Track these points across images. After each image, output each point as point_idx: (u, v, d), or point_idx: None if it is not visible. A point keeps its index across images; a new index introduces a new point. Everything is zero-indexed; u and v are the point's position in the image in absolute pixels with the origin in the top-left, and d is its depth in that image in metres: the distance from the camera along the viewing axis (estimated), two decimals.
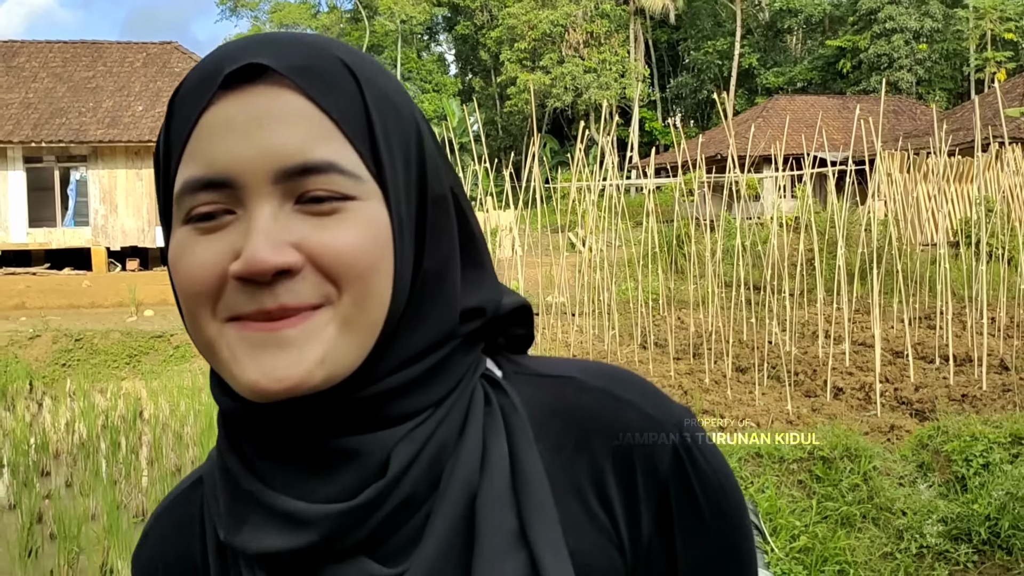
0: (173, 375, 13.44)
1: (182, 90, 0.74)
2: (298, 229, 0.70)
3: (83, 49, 26.78)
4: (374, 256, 0.71)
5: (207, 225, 0.71)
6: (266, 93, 0.71)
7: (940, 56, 47.91)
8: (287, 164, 0.70)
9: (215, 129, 0.71)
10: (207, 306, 0.71)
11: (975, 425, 5.30)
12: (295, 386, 0.69)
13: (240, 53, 0.72)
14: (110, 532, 6.50)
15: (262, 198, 0.70)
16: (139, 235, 24.21)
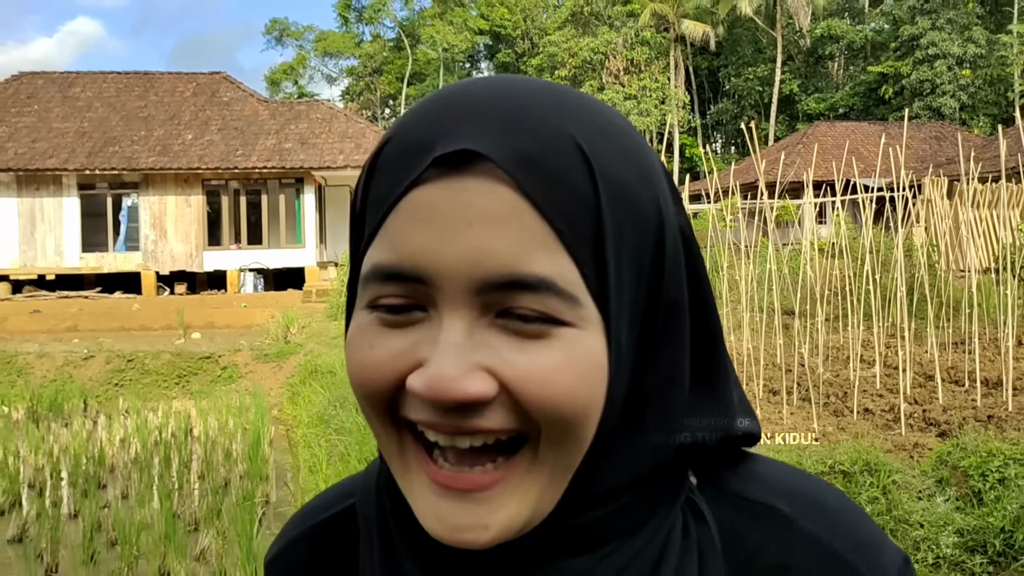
0: (221, 395, 13.89)
1: (386, 152, 0.64)
2: (496, 349, 0.59)
3: (135, 79, 27.64)
4: (584, 400, 0.60)
5: (393, 319, 0.62)
6: (481, 184, 0.60)
7: (984, 82, 47.60)
8: (492, 276, 0.59)
9: (417, 215, 0.60)
10: (380, 408, 0.63)
11: (992, 442, 5.51)
12: (476, 543, 0.61)
13: (455, 128, 0.61)
14: (167, 539, 6.88)
15: (457, 307, 0.60)
16: (187, 260, 24.85)
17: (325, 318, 19.30)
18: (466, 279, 0.59)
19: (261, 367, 15.56)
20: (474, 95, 0.63)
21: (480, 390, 0.58)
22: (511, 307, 0.59)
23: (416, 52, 59.01)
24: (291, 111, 26.74)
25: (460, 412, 0.58)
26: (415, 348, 0.60)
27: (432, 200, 0.60)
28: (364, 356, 0.62)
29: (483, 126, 0.60)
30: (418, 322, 0.61)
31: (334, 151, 24.90)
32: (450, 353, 0.58)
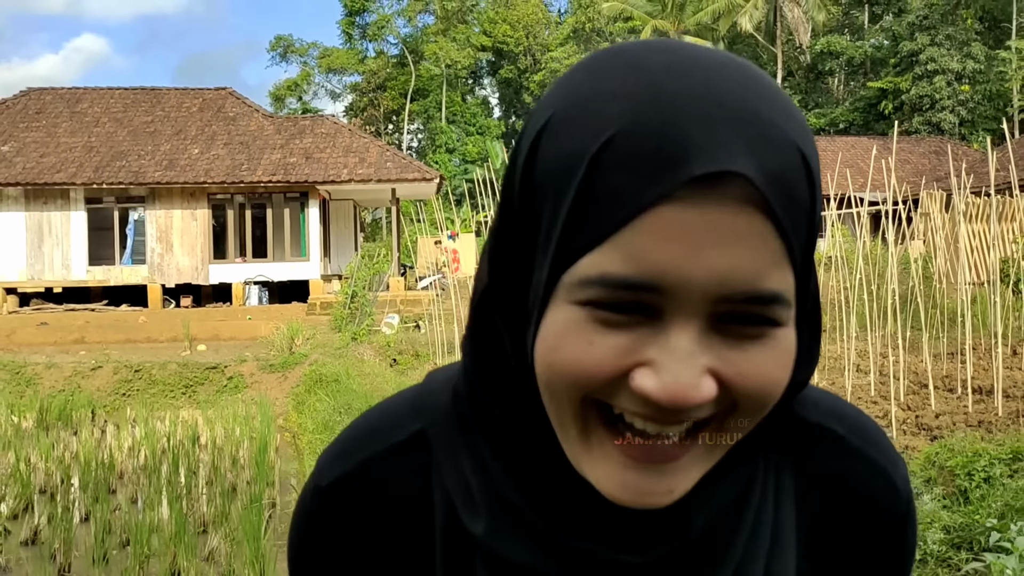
0: (227, 404, 14.08)
1: (614, 149, 0.61)
2: (718, 352, 0.63)
3: (142, 95, 27.96)
4: (782, 386, 0.66)
5: (612, 318, 0.62)
6: (733, 203, 0.60)
7: (983, 97, 47.83)
8: (733, 293, 0.61)
9: (665, 233, 0.60)
10: (578, 395, 0.64)
11: (979, 443, 5.68)
12: (655, 506, 0.66)
13: (709, 141, 0.60)
14: (176, 539, 7.07)
15: (690, 317, 0.62)
16: (193, 273, 25.08)
17: (329, 330, 19.49)
18: (706, 292, 0.60)
19: (266, 377, 15.75)
20: (701, 87, 0.62)
21: (709, 395, 0.62)
22: (740, 315, 0.62)
23: (419, 68, 59.35)
24: (296, 126, 27.02)
25: (680, 411, 0.62)
26: (638, 348, 0.62)
27: (683, 219, 0.59)
28: (583, 352, 0.62)
29: (734, 139, 0.60)
30: (639, 323, 0.62)
31: (338, 165, 25.15)
32: (685, 361, 0.61)
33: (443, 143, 56.99)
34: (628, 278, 0.60)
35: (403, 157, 26.55)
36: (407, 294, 23.00)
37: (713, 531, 0.72)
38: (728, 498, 0.73)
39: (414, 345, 16.96)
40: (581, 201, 0.62)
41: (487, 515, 0.73)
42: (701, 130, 0.59)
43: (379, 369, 14.51)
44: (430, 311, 16.85)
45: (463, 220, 39.70)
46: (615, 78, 0.63)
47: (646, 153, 0.59)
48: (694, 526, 0.71)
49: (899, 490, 0.82)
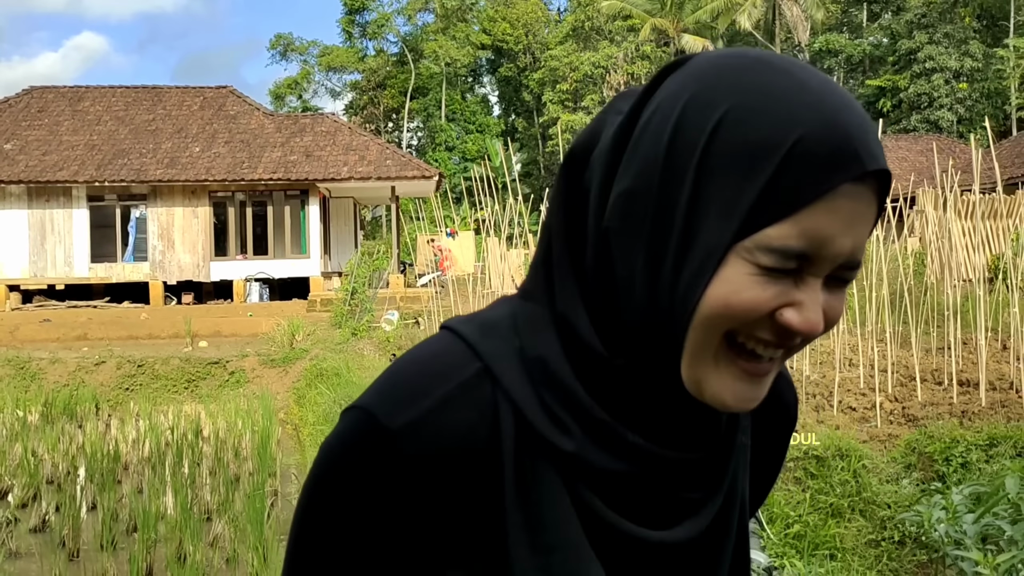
0: (229, 398, 14.28)
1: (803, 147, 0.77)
2: (825, 299, 0.83)
3: (143, 93, 28.15)
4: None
5: (773, 273, 0.80)
6: (868, 194, 0.80)
7: (981, 95, 47.89)
8: (851, 259, 0.81)
9: (830, 215, 0.78)
10: (733, 326, 0.82)
11: (957, 430, 5.89)
12: (748, 410, 0.86)
13: (870, 146, 0.79)
14: (183, 525, 7.29)
15: (822, 273, 0.81)
16: (194, 270, 25.28)
17: (329, 326, 19.68)
18: (840, 258, 0.80)
19: (268, 372, 15.96)
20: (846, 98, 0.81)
21: (824, 328, 0.82)
22: (843, 276, 0.83)
23: (419, 66, 59.47)
24: (296, 124, 27.21)
25: (792, 337, 0.82)
26: (789, 293, 0.80)
27: (845, 204, 0.78)
28: (757, 295, 0.79)
29: (877, 145, 0.80)
30: (784, 277, 0.80)
31: (338, 163, 25.34)
32: (818, 304, 0.81)
33: (443, 141, 57.10)
34: (801, 251, 0.78)
35: (403, 155, 26.74)
36: (407, 291, 23.20)
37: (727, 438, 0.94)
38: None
39: (413, 341, 17.14)
40: (772, 183, 0.77)
41: (579, 431, 0.86)
42: (863, 136, 0.78)
43: (379, 364, 14.71)
44: (429, 308, 17.07)
45: (463, 218, 39.84)
46: (787, 87, 0.79)
47: (828, 152, 0.77)
48: (724, 424, 0.93)
49: (792, 387, 1.09)
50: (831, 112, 0.78)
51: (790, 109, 0.78)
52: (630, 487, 0.89)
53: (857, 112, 0.80)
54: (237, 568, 6.90)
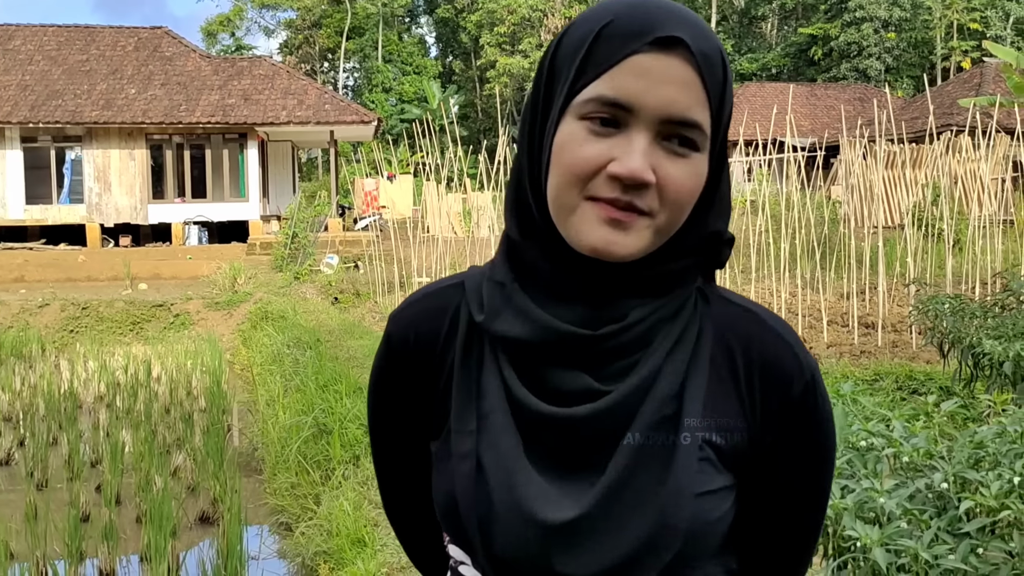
0: (175, 340, 14.66)
1: (610, 29, 0.98)
2: (658, 158, 0.97)
3: (76, 33, 27.73)
4: (693, 196, 1.01)
5: (597, 128, 0.97)
6: (678, 61, 0.97)
7: (908, 45, 48.88)
8: (674, 114, 0.97)
9: (636, 72, 0.96)
10: (578, 184, 0.98)
11: (848, 367, 6.61)
12: (617, 256, 0.99)
13: (668, 23, 0.97)
14: (147, 455, 7.80)
15: (646, 129, 0.96)
16: (132, 213, 25.26)
17: (270, 270, 20.00)
18: (657, 113, 0.96)
19: (212, 315, 16.32)
20: (668, 5, 1.00)
21: (651, 178, 0.96)
22: (674, 134, 0.98)
23: (355, 6, 58.72)
24: (234, 67, 27.10)
25: (632, 190, 0.96)
26: (612, 149, 0.97)
27: (647, 65, 0.96)
28: (580, 151, 0.98)
29: (682, 24, 0.98)
30: (613, 135, 0.97)
31: (277, 107, 25.40)
32: (640, 154, 0.96)
33: (379, 82, 56.69)
34: (611, 97, 0.96)
35: (341, 100, 26.83)
36: (345, 235, 23.52)
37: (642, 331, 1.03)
38: (657, 314, 1.04)
39: (354, 284, 17.63)
40: (588, 56, 0.99)
41: (499, 309, 1.06)
42: (662, 16, 0.98)
43: (322, 307, 15.18)
44: (369, 251, 17.49)
45: (400, 161, 39.93)
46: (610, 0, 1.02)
47: (628, 25, 0.97)
48: (630, 318, 1.03)
49: (800, 359, 1.08)
50: (635, 4, 0.99)
51: (610, 8, 1.00)
52: (539, 362, 1.04)
53: (668, 7, 1.00)
54: (200, 495, 7.46)
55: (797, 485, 1.11)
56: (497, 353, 1.06)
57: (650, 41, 0.96)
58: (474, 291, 1.10)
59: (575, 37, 1.01)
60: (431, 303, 1.16)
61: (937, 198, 17.09)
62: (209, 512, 6.92)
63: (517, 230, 1.07)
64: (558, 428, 1.02)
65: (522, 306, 1.04)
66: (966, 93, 32.00)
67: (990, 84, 32.28)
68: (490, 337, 1.06)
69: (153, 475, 7.24)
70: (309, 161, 50.46)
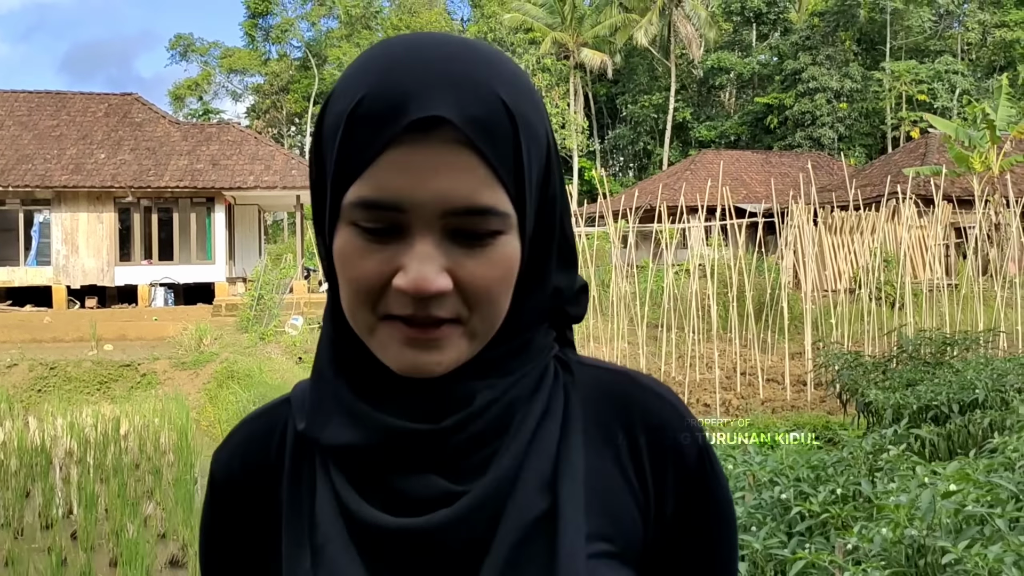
0: (142, 399, 15.04)
1: (362, 110, 0.82)
2: (452, 256, 0.83)
3: (47, 99, 28.32)
4: (507, 284, 0.86)
5: (375, 238, 0.83)
6: (444, 145, 0.81)
7: (860, 114, 50.49)
8: (455, 206, 0.82)
9: (396, 167, 0.81)
10: (368, 302, 0.84)
11: (771, 418, 7.25)
12: (432, 374, 0.85)
13: (422, 95, 0.81)
14: (120, 500, 8.23)
15: (427, 229, 0.82)
16: (99, 275, 25.60)
17: (235, 331, 20.42)
18: (435, 208, 0.81)
19: (179, 374, 16.73)
20: (426, 59, 0.83)
21: (445, 286, 0.82)
22: (463, 227, 0.83)
23: (323, 72, 59.79)
24: (203, 133, 27.75)
25: (428, 302, 0.82)
26: (394, 258, 0.83)
27: (408, 158, 0.81)
28: (359, 265, 0.83)
29: (443, 92, 0.81)
30: (393, 241, 0.83)
31: (244, 172, 26.00)
32: (425, 261, 0.81)
33: None
34: (376, 200, 0.82)
35: (307, 164, 27.51)
36: (311, 297, 23.99)
37: (495, 415, 0.89)
38: (510, 393, 0.90)
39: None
40: (344, 147, 0.84)
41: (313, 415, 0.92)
42: (418, 88, 0.81)
43: (287, 366, 15.66)
44: None
45: None
46: (371, 58, 0.86)
47: (380, 108, 0.82)
48: (477, 403, 0.88)
49: (689, 422, 0.97)
50: (392, 71, 0.83)
51: (362, 76, 0.84)
52: (378, 468, 0.89)
53: (424, 63, 0.83)
54: (170, 542, 7.90)
55: (706, 561, 0.99)
56: (328, 467, 0.91)
57: (405, 126, 0.81)
58: (300, 400, 0.96)
59: (333, 115, 0.87)
60: (255, 427, 1.02)
61: (887, 263, 17.92)
62: (179, 556, 7.36)
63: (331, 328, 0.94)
64: (409, 545, 0.87)
65: (349, 406, 0.90)
66: (912, 162, 33.15)
67: (935, 154, 33.52)
68: (319, 449, 0.93)
69: (125, 522, 7.67)
70: (275, 223, 50.97)
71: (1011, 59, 50.07)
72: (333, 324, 0.93)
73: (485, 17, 57.59)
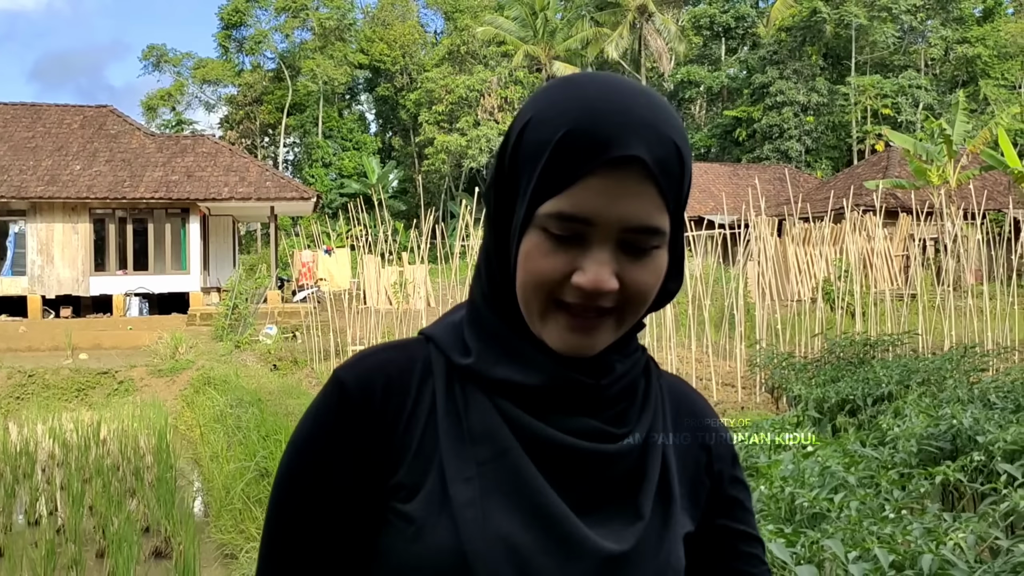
0: (120, 406, 15.39)
1: (569, 140, 1.02)
2: (621, 263, 1.03)
3: (22, 111, 28.55)
4: (656, 287, 1.08)
5: (559, 242, 1.03)
6: (634, 177, 1.01)
7: (826, 128, 51.32)
8: (634, 224, 1.02)
9: (593, 191, 1.01)
10: (544, 290, 1.03)
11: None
12: (587, 355, 1.07)
13: (622, 138, 1.01)
14: (105, 497, 8.64)
15: (606, 240, 1.02)
16: (73, 284, 25.84)
17: (210, 340, 20.77)
18: (618, 226, 1.02)
19: (156, 381, 17.08)
20: (620, 105, 1.03)
21: (615, 286, 1.03)
22: (635, 242, 1.03)
23: (296, 83, 59.98)
24: (178, 145, 28.07)
25: (597, 296, 1.03)
26: (576, 260, 1.03)
27: (605, 184, 1.01)
28: (545, 262, 1.04)
29: (636, 136, 1.01)
30: (574, 247, 1.03)
31: (219, 184, 26.35)
32: (601, 264, 1.02)
33: (319, 157, 57.74)
34: (573, 214, 1.02)
35: (282, 176, 27.92)
36: (284, 306, 24.36)
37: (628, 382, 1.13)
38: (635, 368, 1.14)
39: (292, 353, 18.55)
40: (547, 170, 1.03)
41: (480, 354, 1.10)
42: (617, 132, 1.01)
43: (262, 372, 16.06)
44: (307, 322, 18.43)
45: (338, 234, 40.87)
46: (567, 97, 1.05)
47: (584, 143, 1.01)
48: (619, 370, 1.11)
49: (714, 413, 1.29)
50: (593, 112, 1.02)
51: (564, 111, 1.03)
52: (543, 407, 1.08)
53: (620, 109, 1.02)
54: (154, 535, 8.31)
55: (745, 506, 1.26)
56: (493, 399, 1.08)
57: (606, 160, 1.01)
58: (451, 340, 1.13)
59: (533, 142, 1.05)
60: (393, 355, 1.14)
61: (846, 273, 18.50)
62: (163, 548, 7.79)
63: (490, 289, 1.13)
64: (583, 464, 1.08)
65: (528, 354, 1.09)
66: (875, 175, 33.89)
67: (896, 167, 34.28)
68: (485, 383, 1.09)
69: (111, 517, 8.08)
70: (248, 234, 51.11)
71: (972, 74, 51.21)
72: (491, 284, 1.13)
73: (458, 30, 58.08)
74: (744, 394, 11.03)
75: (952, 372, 6.86)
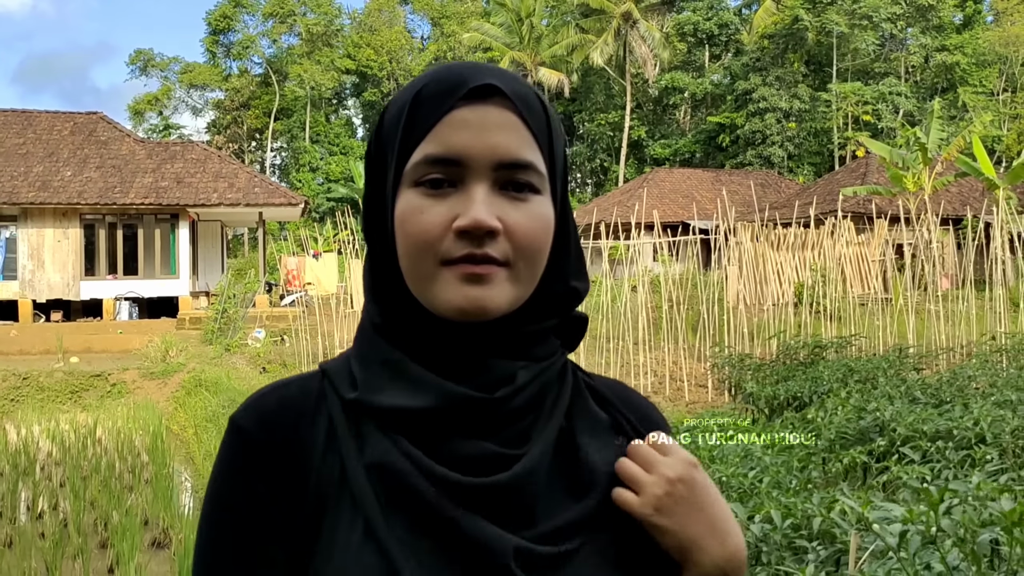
0: (114, 407, 15.80)
1: (425, 92, 1.01)
2: (501, 206, 0.99)
3: (13, 117, 28.89)
4: (543, 240, 1.02)
5: (433, 191, 0.99)
6: (496, 108, 1.00)
7: (808, 134, 51.92)
8: (505, 158, 0.99)
9: (456, 126, 0.99)
10: (429, 251, 0.98)
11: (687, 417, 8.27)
12: (485, 311, 0.99)
13: (477, 75, 1.01)
14: (106, 495, 9.08)
15: (481, 179, 0.99)
16: (64, 289, 26.18)
17: (200, 343, 21.17)
18: (488, 160, 0.99)
19: (148, 384, 17.49)
20: (477, 65, 1.05)
21: (497, 224, 0.98)
22: (511, 179, 1.00)
23: (284, 88, 60.31)
24: (167, 151, 28.45)
25: (483, 241, 0.97)
26: (452, 208, 0.99)
27: (466, 117, 1.00)
28: (421, 218, 0.99)
29: (493, 74, 1.02)
30: (450, 195, 1.00)
31: (208, 190, 26.75)
32: (482, 204, 0.98)
33: (307, 162, 58.09)
34: (438, 154, 0.99)
35: (270, 182, 28.36)
36: (272, 310, 24.76)
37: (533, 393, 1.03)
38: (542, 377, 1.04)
39: (281, 356, 18.99)
40: (408, 123, 1.02)
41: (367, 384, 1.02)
42: (474, 72, 1.02)
43: (252, 375, 16.50)
44: (296, 326, 18.84)
45: (326, 238, 41.26)
46: (423, 72, 1.09)
47: (441, 87, 1.02)
48: (520, 380, 1.02)
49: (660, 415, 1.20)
50: (451, 67, 1.05)
51: (423, 76, 1.06)
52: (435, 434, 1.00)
53: (476, 65, 1.05)
54: (153, 527, 8.75)
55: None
56: (384, 431, 1.00)
57: (464, 94, 1.00)
58: (339, 374, 1.07)
59: (394, 109, 1.06)
60: (288, 393, 1.08)
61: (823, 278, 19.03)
62: (161, 539, 8.24)
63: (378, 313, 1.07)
64: (475, 499, 0.98)
65: (418, 376, 1.01)
66: (853, 181, 34.44)
67: (874, 174, 34.82)
68: (374, 413, 1.01)
69: (111, 511, 8.53)
70: (236, 238, 51.42)
71: (952, 81, 51.98)
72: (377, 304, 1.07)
73: (445, 36, 58.57)
74: (715, 394, 11.55)
75: (887, 371, 7.48)
